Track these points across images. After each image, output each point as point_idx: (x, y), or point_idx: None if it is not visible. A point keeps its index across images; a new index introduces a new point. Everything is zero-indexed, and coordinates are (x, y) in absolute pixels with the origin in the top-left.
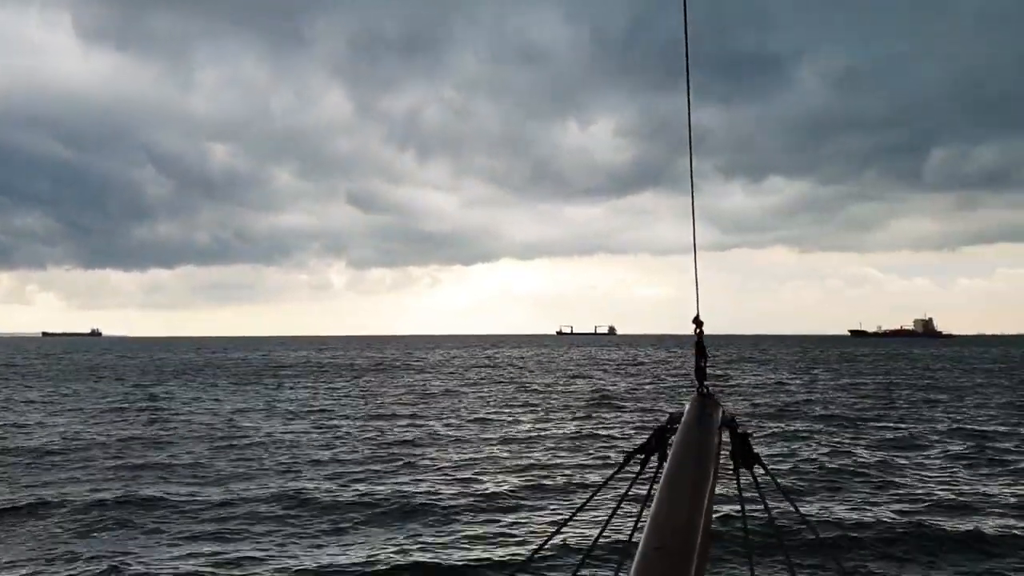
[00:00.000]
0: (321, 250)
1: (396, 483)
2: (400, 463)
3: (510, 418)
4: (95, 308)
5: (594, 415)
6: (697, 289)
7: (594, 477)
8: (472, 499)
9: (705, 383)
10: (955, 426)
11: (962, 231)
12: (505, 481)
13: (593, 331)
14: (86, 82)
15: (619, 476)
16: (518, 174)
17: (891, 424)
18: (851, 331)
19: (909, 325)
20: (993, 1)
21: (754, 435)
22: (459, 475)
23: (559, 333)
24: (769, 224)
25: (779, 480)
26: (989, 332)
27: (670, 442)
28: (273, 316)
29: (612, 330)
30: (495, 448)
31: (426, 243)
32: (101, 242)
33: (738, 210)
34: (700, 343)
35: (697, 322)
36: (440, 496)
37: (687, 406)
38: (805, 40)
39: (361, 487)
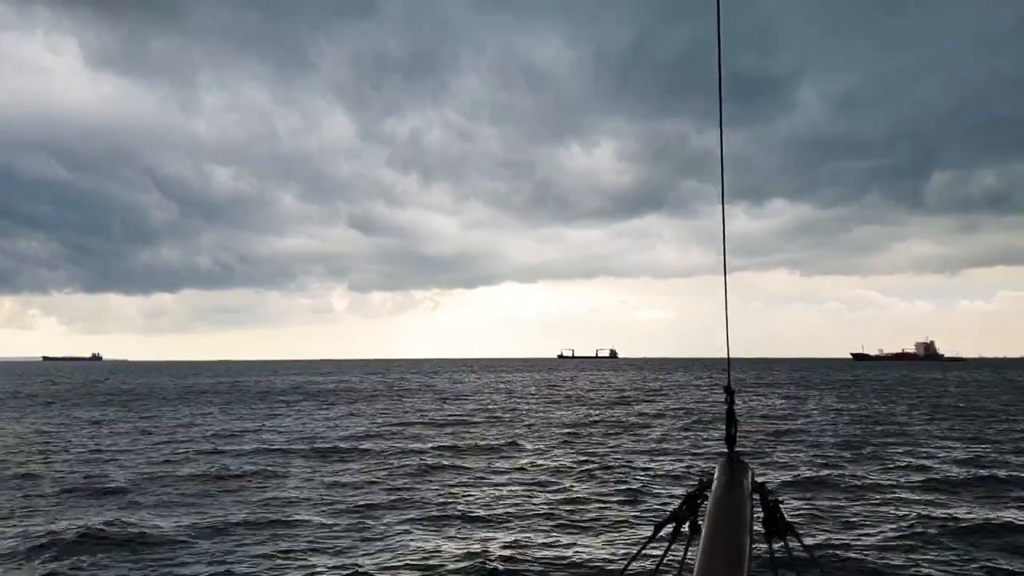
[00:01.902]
0: (323, 273)
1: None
2: (383, 521)
3: (520, 459)
4: (97, 332)
5: (613, 458)
6: (729, 362)
7: (623, 542)
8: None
9: (735, 448)
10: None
11: (963, 254)
12: (522, 541)
13: (594, 354)
14: (90, 106)
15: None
16: (520, 197)
17: (938, 470)
18: (853, 354)
19: (911, 348)
20: (993, 23)
21: (784, 501)
22: (461, 535)
23: (560, 356)
24: (771, 247)
25: (815, 551)
26: (990, 355)
27: (701, 509)
28: (275, 340)
29: (613, 353)
30: (505, 496)
31: (428, 266)
32: (104, 266)
33: (740, 233)
34: (731, 410)
35: (728, 391)
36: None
37: (716, 471)
38: (806, 62)
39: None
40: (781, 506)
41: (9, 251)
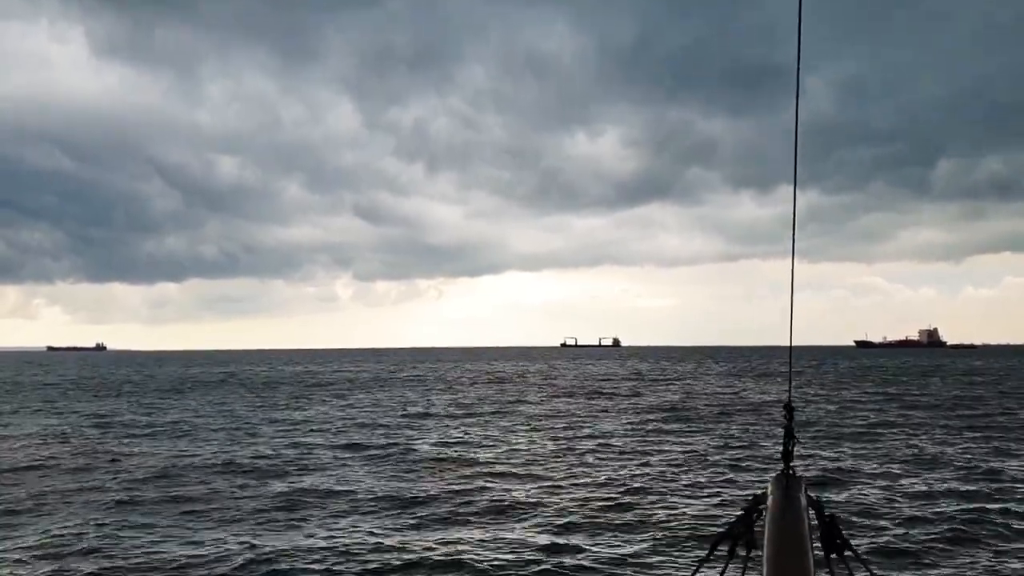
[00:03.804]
0: (328, 263)
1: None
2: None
3: (547, 464)
4: (101, 322)
5: (645, 459)
6: (791, 380)
7: (676, 560)
8: None
9: (791, 463)
10: None
11: (968, 241)
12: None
13: (598, 343)
14: (94, 96)
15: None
16: (525, 185)
17: (990, 470)
18: (857, 342)
19: (914, 335)
20: (998, 12)
21: (840, 515)
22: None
23: (563, 345)
24: (778, 234)
25: (874, 568)
26: (995, 342)
27: (756, 525)
28: (280, 329)
29: (616, 342)
30: (543, 505)
31: (432, 255)
32: (108, 256)
33: (747, 220)
34: (789, 426)
35: (788, 407)
36: None
37: (770, 487)
38: (813, 51)
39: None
40: (837, 521)
41: (14, 241)
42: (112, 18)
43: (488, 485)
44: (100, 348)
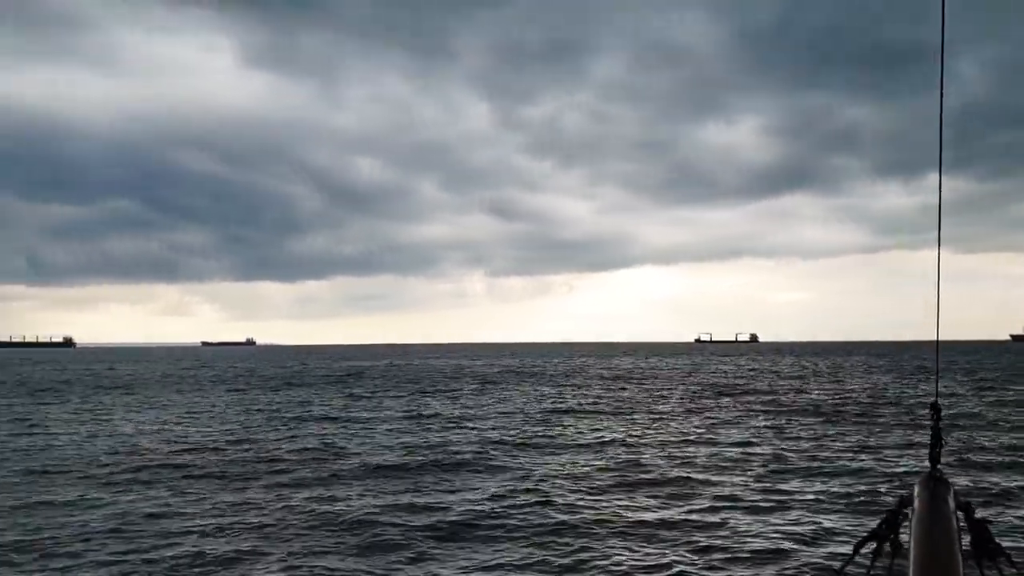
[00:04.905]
0: (461, 260)
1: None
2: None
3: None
4: (250, 319)
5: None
6: (937, 379)
7: (819, 558)
8: None
9: (938, 466)
10: None
11: None
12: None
13: (734, 339)
14: (243, 102)
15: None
16: (657, 178)
17: None
18: (1013, 336)
19: None
20: None
21: (993, 521)
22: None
23: (698, 341)
24: (925, 224)
25: None
26: None
27: (901, 528)
28: (416, 324)
29: (754, 337)
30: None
31: (563, 250)
32: (257, 255)
33: (892, 210)
34: (936, 427)
35: (935, 408)
36: None
37: (916, 488)
38: (965, 30)
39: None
40: (990, 527)
41: (172, 243)
42: (259, 28)
43: (628, 475)
44: (250, 343)
